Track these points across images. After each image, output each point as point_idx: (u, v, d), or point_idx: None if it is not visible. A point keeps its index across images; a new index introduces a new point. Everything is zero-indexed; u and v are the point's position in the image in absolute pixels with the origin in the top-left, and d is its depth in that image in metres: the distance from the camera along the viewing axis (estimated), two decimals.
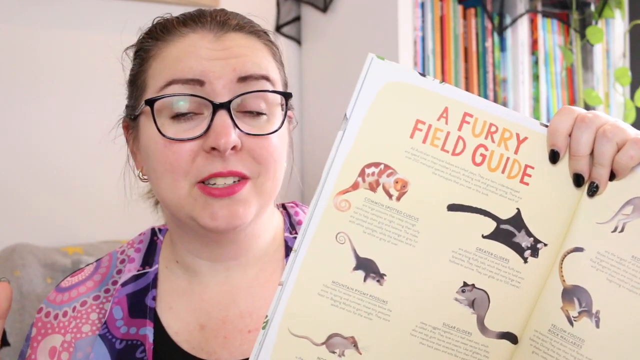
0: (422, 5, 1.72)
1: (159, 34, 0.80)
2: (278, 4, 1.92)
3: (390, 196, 0.62)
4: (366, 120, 0.62)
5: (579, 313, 0.64)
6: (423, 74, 0.63)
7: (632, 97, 1.99)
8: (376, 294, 0.62)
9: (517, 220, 0.64)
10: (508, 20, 1.86)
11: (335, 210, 0.62)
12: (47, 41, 1.63)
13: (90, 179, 1.67)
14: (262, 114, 0.77)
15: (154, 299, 0.83)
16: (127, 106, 0.84)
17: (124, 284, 0.84)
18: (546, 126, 0.65)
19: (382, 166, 0.62)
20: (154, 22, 0.82)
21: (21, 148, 1.60)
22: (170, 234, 0.87)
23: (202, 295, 0.83)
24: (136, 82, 0.81)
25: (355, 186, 0.62)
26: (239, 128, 0.74)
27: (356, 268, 0.62)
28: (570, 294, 0.64)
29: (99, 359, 0.79)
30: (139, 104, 0.79)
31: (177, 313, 0.83)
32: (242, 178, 0.75)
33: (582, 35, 1.97)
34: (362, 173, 0.62)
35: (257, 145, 0.75)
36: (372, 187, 0.62)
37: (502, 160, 0.64)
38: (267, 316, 0.62)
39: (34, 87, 1.62)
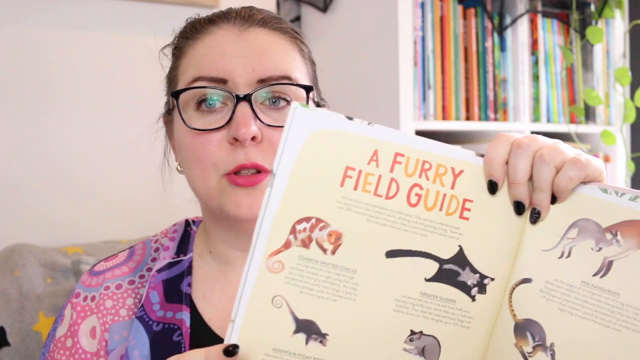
0: (422, 5, 1.72)
1: (189, 32, 0.84)
2: (278, 4, 1.92)
3: (324, 251, 0.60)
4: (294, 174, 0.59)
5: (533, 348, 0.62)
6: (350, 117, 0.60)
7: (632, 97, 1.99)
8: (320, 355, 0.60)
9: (460, 258, 0.62)
10: (508, 20, 1.86)
11: (269, 273, 0.59)
12: (58, 41, 1.63)
13: (90, 179, 1.68)
14: (286, 105, 0.80)
15: (190, 285, 0.86)
16: (165, 102, 0.89)
17: (159, 271, 0.87)
18: (482, 156, 0.63)
19: (313, 220, 0.59)
20: (186, 22, 0.87)
21: (21, 148, 1.60)
22: (205, 224, 0.89)
23: (236, 285, 0.86)
24: (170, 78, 0.86)
25: (287, 245, 0.59)
26: (259, 119, 0.77)
27: (296, 331, 0.60)
28: (523, 328, 0.62)
29: (138, 340, 0.82)
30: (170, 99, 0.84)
31: (210, 300, 0.85)
32: (263, 171, 0.78)
33: (582, 35, 1.97)
34: (293, 230, 0.59)
35: (277, 137, 0.77)
36: (305, 244, 0.59)
37: (439, 198, 0.62)
38: None
39: (36, 88, 1.62)
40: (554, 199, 0.62)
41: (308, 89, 0.81)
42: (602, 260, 0.60)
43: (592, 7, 1.98)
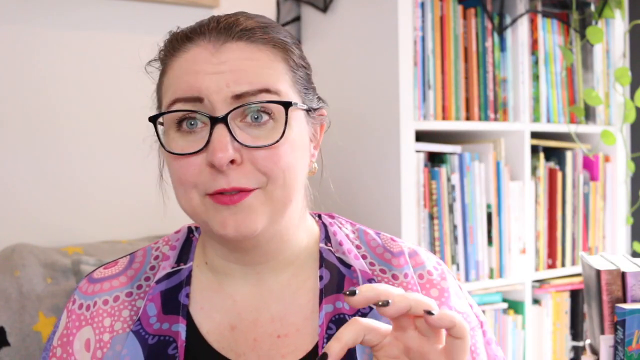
0: (422, 5, 1.72)
1: (168, 49, 0.82)
2: (278, 4, 1.92)
3: None
4: None
5: None
6: None
7: (632, 97, 1.99)
8: None
9: None
10: (508, 20, 1.86)
11: None
12: (58, 42, 1.63)
13: (90, 179, 1.68)
14: (268, 120, 0.76)
15: (187, 296, 0.84)
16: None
17: (158, 281, 0.85)
18: None
19: None
20: (166, 38, 0.84)
21: (21, 148, 1.60)
22: (203, 235, 0.88)
23: (234, 297, 0.84)
24: (157, 94, 0.84)
25: None
26: (237, 141, 0.75)
27: None
28: None
29: (132, 355, 0.81)
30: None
31: (208, 312, 0.84)
32: (245, 191, 0.75)
33: (582, 35, 1.97)
34: None
35: (260, 157, 0.75)
36: None
37: None
38: None
39: (36, 89, 1.62)
40: None
41: (286, 105, 0.76)
42: None
43: (592, 7, 1.98)
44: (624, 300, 1.00)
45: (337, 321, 0.82)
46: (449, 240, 1.75)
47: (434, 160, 1.79)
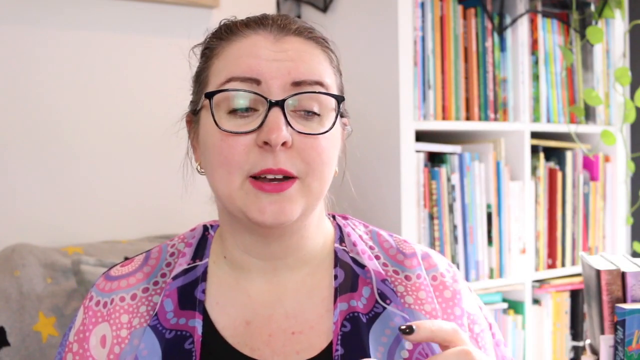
0: (422, 5, 1.72)
1: (223, 34, 0.85)
2: (278, 4, 1.92)
3: None
4: None
5: None
6: None
7: (632, 97, 1.99)
8: None
9: None
10: (508, 20, 1.86)
11: None
12: (57, 41, 1.63)
13: (90, 179, 1.68)
14: (315, 115, 0.81)
15: (204, 291, 0.86)
16: (191, 102, 0.89)
17: (174, 277, 0.87)
18: None
19: None
20: (220, 24, 0.87)
21: (22, 148, 1.61)
22: (221, 229, 0.90)
23: (249, 292, 0.86)
24: (199, 79, 0.86)
25: None
26: (291, 126, 0.78)
27: None
28: None
29: (149, 348, 0.82)
30: (200, 99, 0.84)
31: (223, 308, 0.86)
32: (290, 177, 0.79)
33: (582, 35, 1.97)
34: None
35: (307, 145, 0.79)
36: None
37: None
38: None
39: (37, 89, 1.62)
40: None
41: (340, 99, 0.83)
42: None
43: (592, 7, 1.98)
44: (624, 300, 1.00)
45: (351, 319, 0.83)
46: (449, 240, 1.75)
47: (434, 160, 1.80)
